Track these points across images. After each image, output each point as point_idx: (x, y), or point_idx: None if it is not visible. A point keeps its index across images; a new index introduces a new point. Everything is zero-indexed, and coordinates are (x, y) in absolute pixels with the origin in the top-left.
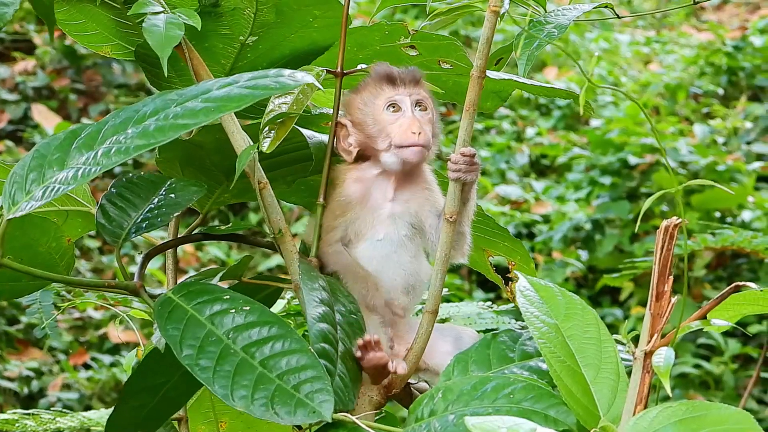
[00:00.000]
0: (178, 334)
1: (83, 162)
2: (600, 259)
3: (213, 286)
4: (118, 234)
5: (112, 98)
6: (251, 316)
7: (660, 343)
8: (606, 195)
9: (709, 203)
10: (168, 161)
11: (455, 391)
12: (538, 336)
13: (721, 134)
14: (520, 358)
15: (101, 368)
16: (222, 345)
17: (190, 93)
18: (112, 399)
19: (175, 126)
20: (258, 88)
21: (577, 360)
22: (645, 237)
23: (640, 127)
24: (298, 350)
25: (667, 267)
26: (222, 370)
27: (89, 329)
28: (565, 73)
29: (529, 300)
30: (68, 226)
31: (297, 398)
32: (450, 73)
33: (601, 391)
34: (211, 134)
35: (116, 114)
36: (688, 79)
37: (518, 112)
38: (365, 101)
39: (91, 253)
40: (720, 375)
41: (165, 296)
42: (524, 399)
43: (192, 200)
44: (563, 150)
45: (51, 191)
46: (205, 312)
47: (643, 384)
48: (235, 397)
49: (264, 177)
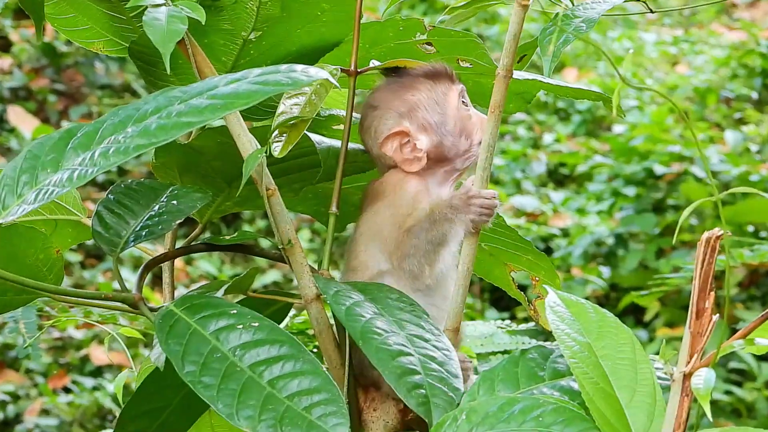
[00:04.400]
0: (180, 350)
1: (79, 163)
2: (623, 277)
3: (218, 299)
4: (116, 243)
5: (95, 100)
6: (260, 333)
7: (700, 364)
8: (630, 207)
9: (741, 216)
10: (165, 167)
11: (480, 413)
12: (570, 355)
13: (755, 141)
14: (550, 377)
15: (82, 392)
16: (227, 362)
17: (195, 90)
18: (94, 426)
19: (179, 124)
20: (268, 84)
21: (610, 381)
22: (671, 252)
23: (667, 134)
24: (310, 372)
25: (708, 282)
26: (227, 389)
27: (70, 350)
28: (585, 74)
29: (560, 317)
30: (57, 236)
31: (308, 420)
32: (470, 72)
33: (637, 415)
34: (212, 138)
35: (115, 112)
36: (718, 81)
37: (535, 117)
38: (437, 100)
39: (72, 268)
40: (753, 402)
41: (167, 309)
42: (554, 422)
43: (195, 207)
44: (584, 158)
45: (44, 194)
46: (209, 327)
47: (681, 408)
48: (241, 417)
49: (272, 183)
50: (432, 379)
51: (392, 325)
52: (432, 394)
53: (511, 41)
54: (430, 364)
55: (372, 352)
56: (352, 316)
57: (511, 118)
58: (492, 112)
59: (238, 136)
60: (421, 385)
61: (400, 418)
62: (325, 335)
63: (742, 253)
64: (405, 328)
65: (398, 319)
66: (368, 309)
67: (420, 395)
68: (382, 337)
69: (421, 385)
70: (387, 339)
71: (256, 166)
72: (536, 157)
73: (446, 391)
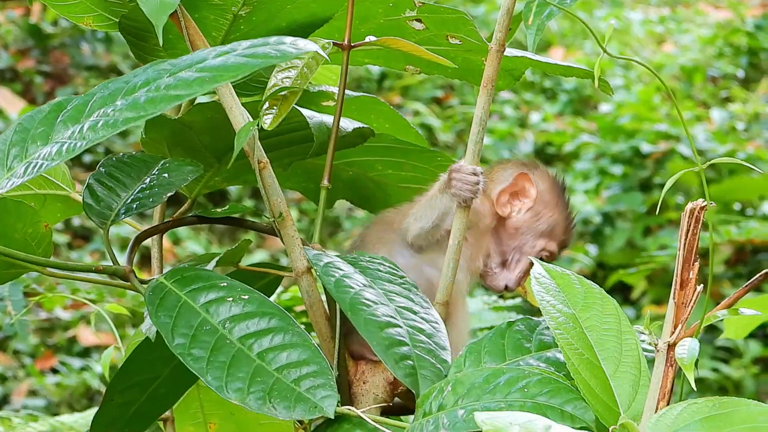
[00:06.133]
0: (170, 322)
1: (69, 136)
2: (610, 255)
3: (208, 272)
4: (107, 215)
5: (81, 81)
6: (249, 306)
7: (684, 335)
8: (617, 186)
9: (728, 194)
10: (154, 142)
11: (466, 384)
12: (555, 326)
13: (741, 120)
14: (536, 349)
15: (70, 373)
16: (217, 335)
17: (184, 63)
18: (82, 406)
19: (168, 97)
20: (257, 56)
21: (596, 353)
22: (658, 231)
23: (653, 113)
24: (300, 344)
25: (692, 253)
26: (216, 361)
27: (57, 331)
28: (572, 53)
29: (545, 288)
30: (46, 211)
31: (297, 393)
32: (459, 49)
33: (621, 386)
34: (202, 114)
35: (104, 86)
36: (705, 60)
37: (522, 96)
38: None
39: (60, 249)
40: (740, 379)
41: (157, 281)
42: (540, 393)
43: (186, 180)
44: (570, 137)
45: (34, 167)
46: (199, 299)
47: (666, 378)
48: (230, 390)
49: (264, 156)
50: (420, 351)
51: (381, 297)
52: (420, 366)
53: (505, 16)
54: (418, 336)
55: (360, 324)
56: (341, 288)
57: (498, 98)
58: (484, 86)
59: (230, 109)
60: (409, 357)
61: (389, 391)
62: (315, 308)
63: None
64: (394, 300)
65: (387, 291)
66: (358, 281)
67: (408, 366)
68: (371, 309)
69: (409, 356)
70: (375, 310)
71: (248, 138)
72: (523, 137)
73: (434, 363)
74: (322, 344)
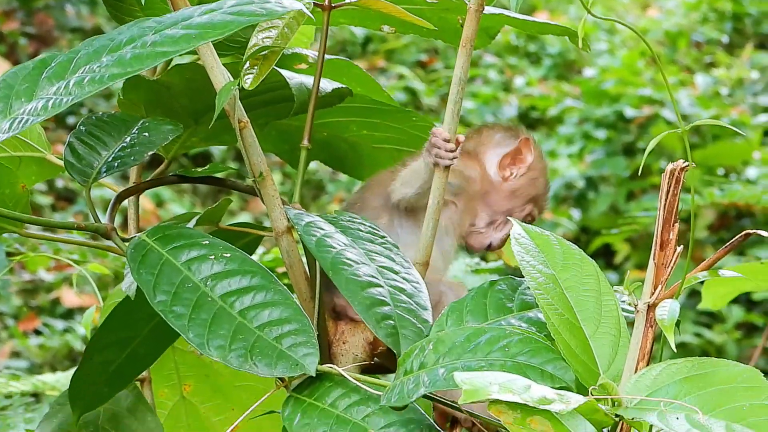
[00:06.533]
0: (152, 279)
1: (54, 92)
2: (594, 219)
3: (191, 230)
4: (88, 173)
5: (66, 43)
6: (231, 264)
7: (664, 296)
8: (600, 150)
9: (711, 159)
10: (132, 103)
11: (447, 343)
12: (535, 287)
13: (725, 85)
14: (518, 309)
15: (53, 334)
16: (199, 292)
17: (170, 20)
18: (65, 368)
19: (154, 54)
20: (243, 14)
21: (575, 313)
22: (641, 195)
23: (638, 78)
24: (281, 302)
25: (672, 213)
26: (198, 318)
27: (40, 292)
28: (556, 18)
29: (525, 248)
30: (21, 173)
31: (278, 350)
32: (435, 8)
33: (601, 347)
34: (180, 75)
35: (89, 43)
36: (689, 25)
37: (506, 60)
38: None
39: (42, 211)
40: (722, 344)
41: (139, 239)
42: (520, 353)
43: (167, 139)
44: (554, 101)
45: (19, 123)
46: (181, 257)
47: (645, 339)
48: (211, 347)
49: (245, 116)
50: (401, 311)
51: (362, 257)
52: (401, 326)
53: None
54: (399, 296)
55: (342, 283)
56: (322, 248)
57: (482, 62)
58: (463, 46)
59: (211, 69)
60: (391, 317)
61: (369, 351)
62: (295, 268)
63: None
64: (375, 259)
65: (368, 250)
66: (339, 240)
67: (389, 326)
68: (353, 269)
69: (391, 316)
70: (357, 270)
71: (229, 98)
72: (507, 101)
73: (415, 323)
74: (302, 304)
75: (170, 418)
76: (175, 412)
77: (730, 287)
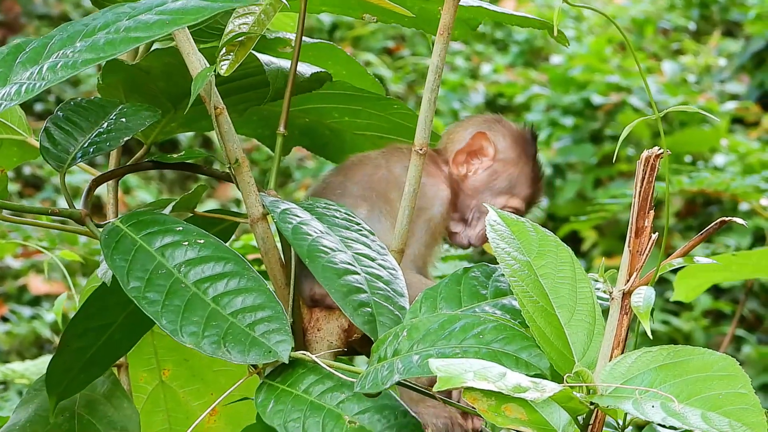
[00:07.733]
0: (125, 266)
1: (27, 77)
2: (561, 207)
3: (165, 216)
4: (63, 159)
5: (33, 30)
6: (205, 250)
7: (639, 283)
8: (568, 137)
9: (679, 146)
10: (111, 87)
11: (421, 330)
12: (510, 274)
13: (693, 72)
14: (492, 296)
15: (20, 321)
16: (172, 279)
17: (144, 6)
18: (32, 355)
19: (127, 39)
20: (217, 0)
21: (550, 300)
22: (609, 183)
23: (605, 65)
24: (254, 289)
25: (647, 201)
26: (171, 305)
27: (8, 279)
28: (523, 5)
29: (500, 235)
30: (1, 155)
31: (251, 337)
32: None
33: (576, 334)
34: (160, 59)
35: (63, 28)
36: (656, 12)
37: (473, 47)
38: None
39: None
40: (690, 332)
41: (113, 225)
42: (495, 340)
43: (144, 125)
44: (521, 88)
45: None
46: (155, 243)
47: (620, 327)
48: (184, 333)
49: (221, 102)
50: (378, 298)
51: (339, 244)
52: (378, 313)
53: None
54: (376, 283)
55: (318, 271)
56: (298, 235)
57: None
58: (441, 34)
59: (187, 55)
60: (368, 304)
61: (343, 338)
62: (270, 255)
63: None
64: (351, 246)
65: (344, 237)
66: (315, 227)
67: (366, 313)
68: (329, 256)
69: (368, 303)
70: (333, 258)
71: (205, 84)
72: (474, 88)
73: (392, 310)
74: (276, 291)
75: (149, 403)
76: (154, 396)
77: (702, 279)
